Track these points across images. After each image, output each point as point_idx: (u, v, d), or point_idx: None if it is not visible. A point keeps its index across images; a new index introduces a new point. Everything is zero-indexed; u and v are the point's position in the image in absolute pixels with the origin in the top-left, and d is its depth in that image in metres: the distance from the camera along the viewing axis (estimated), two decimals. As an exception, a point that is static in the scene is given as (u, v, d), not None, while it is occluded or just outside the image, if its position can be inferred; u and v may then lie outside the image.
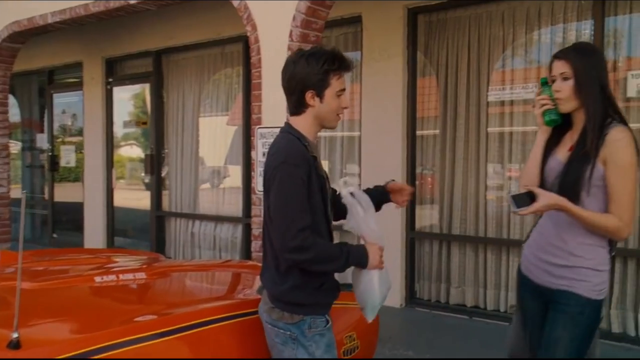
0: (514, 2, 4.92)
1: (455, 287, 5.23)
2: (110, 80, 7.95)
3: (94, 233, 8.02)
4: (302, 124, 2.19)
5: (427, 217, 5.50)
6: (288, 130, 2.19)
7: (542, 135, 2.34)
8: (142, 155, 7.76)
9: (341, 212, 2.24)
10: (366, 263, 2.14)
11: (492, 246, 5.05)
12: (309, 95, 2.14)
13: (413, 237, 5.41)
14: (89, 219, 8.12)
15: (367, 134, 5.57)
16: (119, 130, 8.09)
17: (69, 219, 8.69)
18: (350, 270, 2.23)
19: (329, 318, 2.19)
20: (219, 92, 7.00)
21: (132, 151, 8.26)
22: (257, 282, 2.50)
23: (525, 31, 4.89)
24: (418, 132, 5.42)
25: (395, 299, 5.30)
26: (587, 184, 2.14)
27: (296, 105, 2.19)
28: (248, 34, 4.66)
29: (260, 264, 3.62)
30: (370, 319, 2.24)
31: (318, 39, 4.49)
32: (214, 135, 7.14)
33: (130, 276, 2.84)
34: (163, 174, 7.50)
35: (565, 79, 2.21)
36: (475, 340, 4.52)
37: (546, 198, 2.12)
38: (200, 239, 7.11)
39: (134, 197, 7.98)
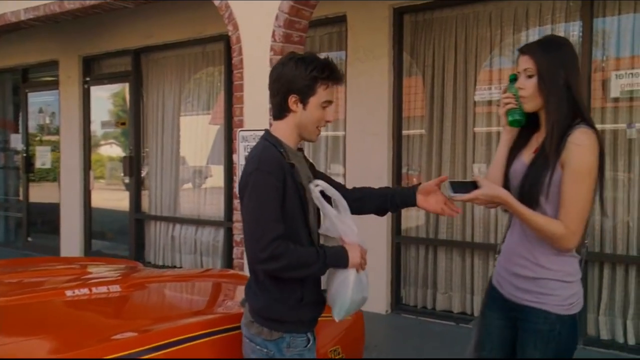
0: (501, 3, 4.84)
1: (441, 293, 5.15)
2: (88, 79, 7.75)
3: (71, 236, 7.80)
4: (283, 129, 2.12)
5: (413, 221, 5.41)
6: (265, 137, 2.13)
7: (506, 134, 2.21)
8: (122, 155, 7.57)
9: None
10: (346, 263, 2.03)
11: (480, 251, 4.96)
12: (292, 100, 2.07)
13: (399, 242, 5.32)
14: (66, 221, 7.90)
15: (352, 134, 5.47)
16: (97, 129, 7.89)
17: (45, 220, 8.45)
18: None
19: (310, 337, 2.09)
20: (200, 92, 6.84)
21: (111, 150, 8.06)
22: (240, 294, 2.37)
23: (513, 32, 4.82)
24: (404, 132, 5.34)
25: (381, 305, 5.20)
26: (547, 188, 1.99)
27: (279, 109, 2.11)
28: (229, 33, 4.52)
29: (241, 273, 3.52)
30: (337, 319, 2.12)
31: (302, 40, 4.36)
32: (195, 136, 6.98)
33: (104, 289, 2.69)
34: (143, 175, 7.31)
35: (530, 76, 2.06)
36: (462, 347, 4.42)
37: (488, 188, 2.00)
38: (181, 242, 6.94)
39: (113, 198, 7.77)
